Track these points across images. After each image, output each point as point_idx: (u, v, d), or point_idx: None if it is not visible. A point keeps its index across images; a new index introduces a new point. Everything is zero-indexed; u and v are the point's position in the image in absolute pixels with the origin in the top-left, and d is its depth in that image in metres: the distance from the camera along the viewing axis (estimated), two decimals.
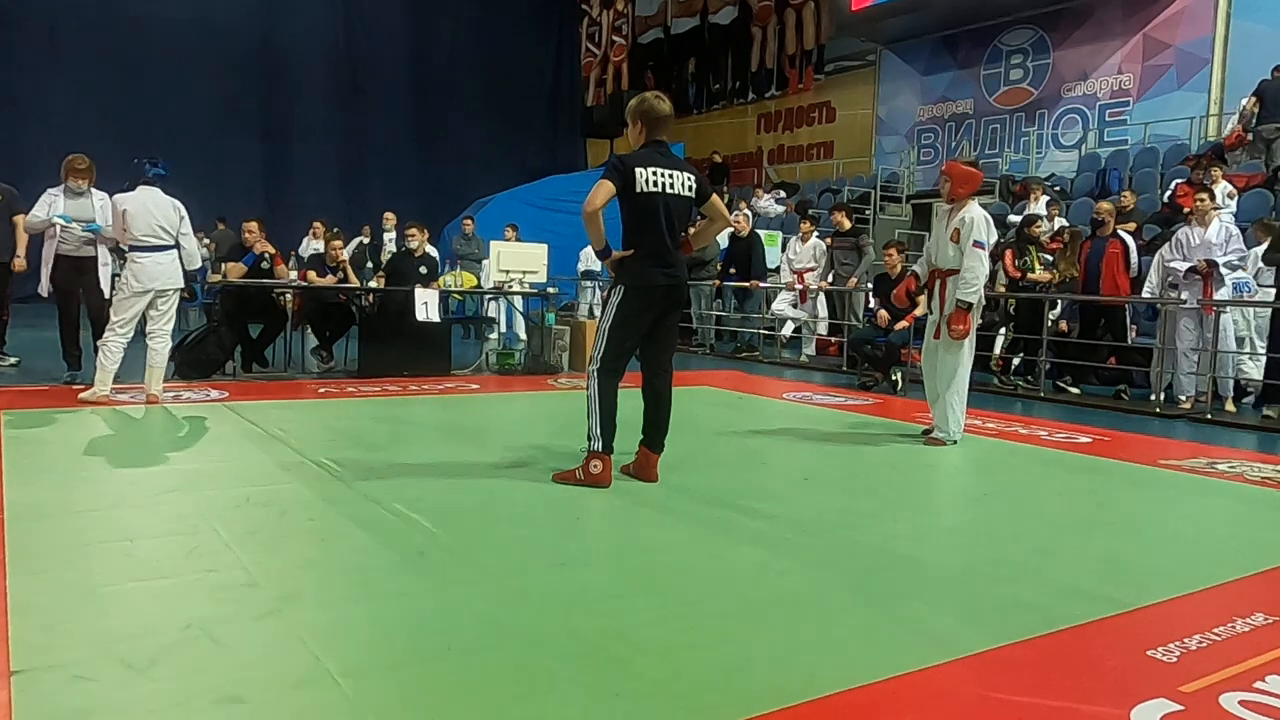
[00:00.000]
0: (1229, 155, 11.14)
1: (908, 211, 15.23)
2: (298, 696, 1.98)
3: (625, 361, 4.17)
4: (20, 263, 7.35)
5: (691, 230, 4.41)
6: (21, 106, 15.72)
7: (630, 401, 4.17)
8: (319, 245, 10.67)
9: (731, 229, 11.86)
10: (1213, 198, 7.70)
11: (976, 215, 5.16)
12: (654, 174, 4.00)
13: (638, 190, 3.98)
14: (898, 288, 5.17)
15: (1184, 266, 7.30)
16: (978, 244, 5.10)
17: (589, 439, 4.07)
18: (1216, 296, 7.23)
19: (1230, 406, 7.27)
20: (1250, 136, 10.97)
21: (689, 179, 4.13)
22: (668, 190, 4.03)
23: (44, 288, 6.83)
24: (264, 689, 2.00)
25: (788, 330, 11.34)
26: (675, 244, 4.13)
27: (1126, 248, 8.05)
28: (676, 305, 4.23)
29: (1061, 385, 8.26)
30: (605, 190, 3.93)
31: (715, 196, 4.32)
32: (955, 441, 5.35)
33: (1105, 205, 8.43)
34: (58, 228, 6.61)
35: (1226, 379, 7.33)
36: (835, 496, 4.31)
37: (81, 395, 5.85)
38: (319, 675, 2.07)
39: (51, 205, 6.67)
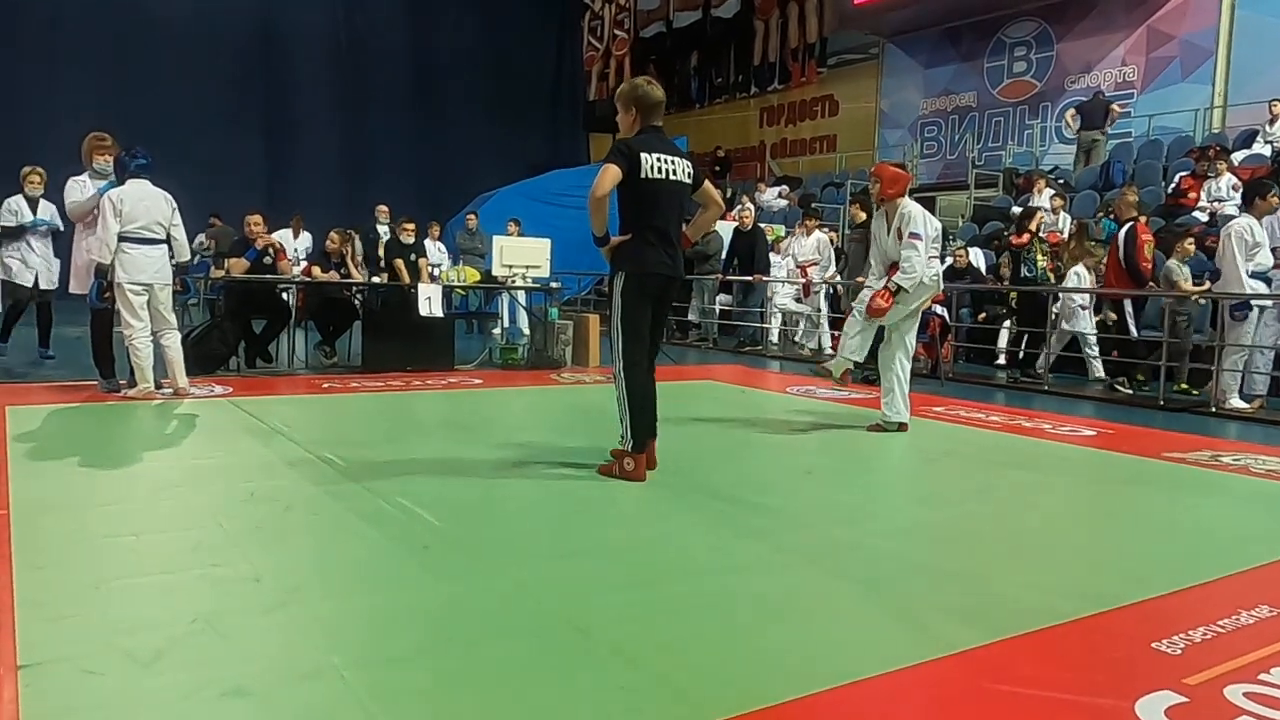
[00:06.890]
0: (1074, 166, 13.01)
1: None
2: (304, 689, 1.98)
3: (644, 348, 4.10)
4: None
5: (688, 224, 4.38)
6: (22, 103, 15.69)
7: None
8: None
9: (735, 222, 11.92)
10: None
11: (913, 210, 5.46)
12: (658, 160, 3.96)
13: (642, 176, 3.93)
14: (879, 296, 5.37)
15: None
16: (914, 235, 5.35)
17: (621, 439, 4.08)
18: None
19: (1237, 402, 7.13)
20: (1076, 145, 13.01)
21: (687, 165, 4.12)
22: (670, 177, 4.00)
23: (81, 285, 6.04)
24: (270, 682, 2.00)
25: (789, 304, 11.27)
26: (676, 232, 4.10)
27: (1117, 243, 7.98)
28: (670, 296, 4.20)
29: (1118, 386, 8.01)
30: (612, 175, 3.87)
31: (708, 182, 4.31)
32: (895, 426, 5.55)
33: (1130, 198, 8.31)
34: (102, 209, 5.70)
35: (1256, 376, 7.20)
36: (837, 491, 4.32)
37: (129, 393, 5.88)
38: (325, 668, 2.07)
39: (84, 189, 6.07)
